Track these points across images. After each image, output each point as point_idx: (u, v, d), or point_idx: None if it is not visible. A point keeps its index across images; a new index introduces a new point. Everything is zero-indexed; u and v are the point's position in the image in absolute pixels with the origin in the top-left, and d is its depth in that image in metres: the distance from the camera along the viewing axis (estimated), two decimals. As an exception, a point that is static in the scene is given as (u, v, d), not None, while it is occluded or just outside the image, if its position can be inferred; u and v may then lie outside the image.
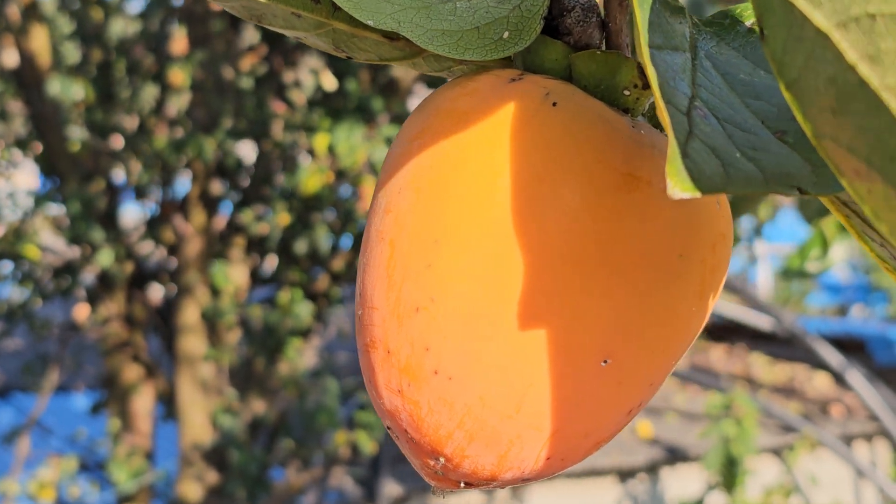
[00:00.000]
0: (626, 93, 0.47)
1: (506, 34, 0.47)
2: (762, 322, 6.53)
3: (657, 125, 0.50)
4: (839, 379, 5.72)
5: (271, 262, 4.34)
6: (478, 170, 0.46)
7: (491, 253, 0.45)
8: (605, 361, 0.46)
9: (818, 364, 7.60)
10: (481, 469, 0.47)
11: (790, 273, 1.58)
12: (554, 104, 0.47)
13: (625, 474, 6.58)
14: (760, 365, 8.17)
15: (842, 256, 1.57)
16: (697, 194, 0.35)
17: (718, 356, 8.73)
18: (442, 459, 0.47)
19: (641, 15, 0.38)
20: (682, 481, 6.75)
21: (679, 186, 0.35)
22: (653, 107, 0.50)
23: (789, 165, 0.38)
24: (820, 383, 7.74)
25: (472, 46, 0.46)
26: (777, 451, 6.73)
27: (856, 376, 5.60)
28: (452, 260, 0.45)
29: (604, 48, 0.51)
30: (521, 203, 0.45)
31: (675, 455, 6.75)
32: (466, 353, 0.45)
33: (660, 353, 0.48)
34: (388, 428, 0.49)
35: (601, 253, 0.45)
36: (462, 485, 0.49)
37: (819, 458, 6.77)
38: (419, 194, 0.46)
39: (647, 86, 0.48)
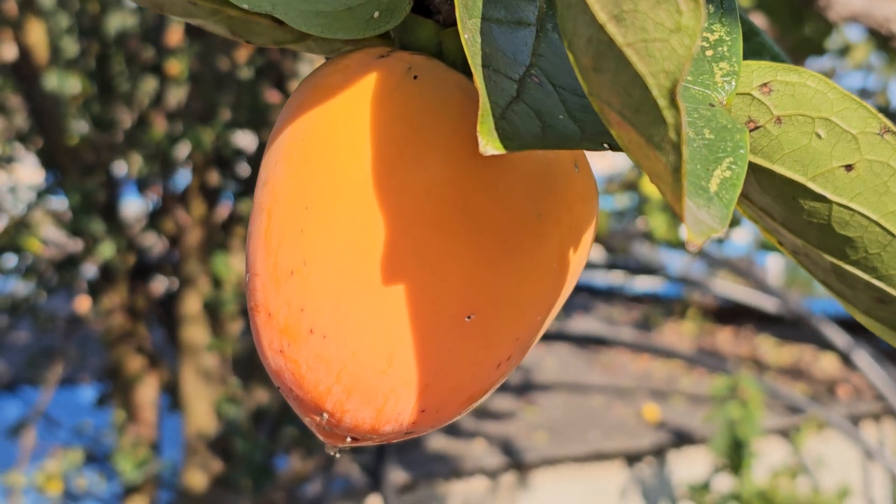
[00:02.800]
0: None
1: (376, 14, 0.49)
2: (769, 304, 6.53)
3: None
4: (846, 359, 5.73)
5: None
6: (343, 140, 0.48)
7: (357, 217, 0.47)
8: (469, 317, 0.48)
9: (825, 345, 7.60)
10: (362, 423, 0.49)
11: (768, 245, 1.59)
12: (415, 77, 0.49)
13: (631, 458, 6.59)
14: (767, 347, 8.17)
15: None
16: (503, 151, 0.38)
17: (725, 338, 8.73)
18: (325, 415, 0.49)
19: (461, 8, 0.40)
20: (689, 464, 6.76)
21: (490, 144, 0.38)
22: None
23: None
24: (827, 364, 7.73)
25: (345, 27, 0.48)
26: (784, 433, 6.74)
27: (863, 357, 5.60)
28: (322, 225, 0.48)
29: None
30: (382, 170, 0.47)
31: (682, 438, 6.76)
32: (338, 312, 0.47)
33: (524, 308, 0.50)
34: (278, 387, 0.51)
35: (460, 215, 0.48)
36: (348, 440, 0.51)
37: (826, 439, 6.77)
38: (291, 165, 0.49)
39: None
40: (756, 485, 6.44)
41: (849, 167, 0.43)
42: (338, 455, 0.52)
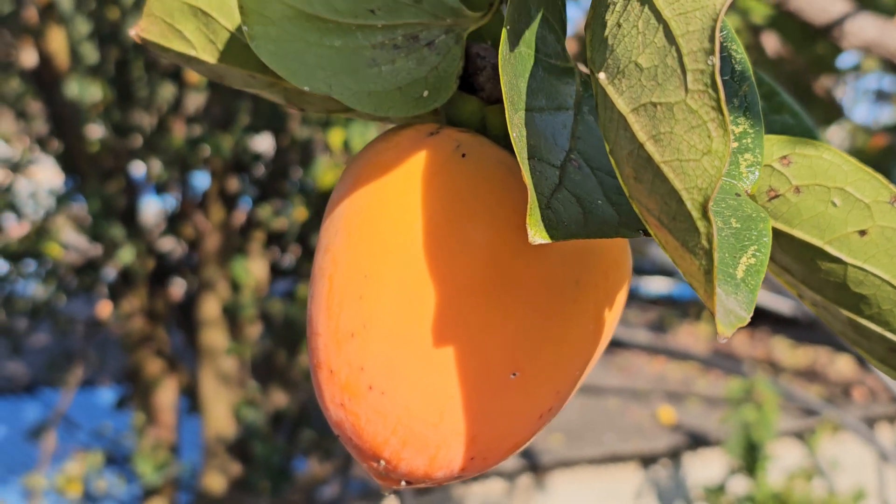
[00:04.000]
0: None
1: (425, 93, 0.53)
2: (784, 307, 6.54)
3: None
4: (861, 361, 5.72)
5: (291, 256, 4.39)
6: (397, 214, 0.52)
7: (410, 285, 0.52)
8: (514, 374, 0.53)
9: (840, 347, 7.60)
10: (416, 469, 0.54)
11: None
12: (463, 155, 0.53)
13: (647, 460, 6.61)
14: (782, 349, 8.17)
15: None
16: (550, 241, 0.43)
17: (740, 341, 8.73)
18: (382, 462, 0.54)
19: (509, 81, 0.43)
20: (705, 466, 6.77)
21: (538, 235, 0.43)
22: None
23: None
24: (842, 366, 7.73)
25: (395, 105, 0.52)
26: (799, 435, 6.74)
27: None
28: (379, 292, 0.52)
29: None
30: (432, 242, 0.52)
31: (697, 440, 6.77)
32: (394, 371, 0.52)
33: (563, 366, 0.55)
34: (338, 436, 0.56)
35: (504, 282, 0.52)
36: (403, 483, 0.55)
37: (841, 441, 6.77)
38: (350, 236, 0.54)
39: None
40: (771, 487, 6.45)
41: (862, 232, 0.47)
42: (389, 495, 0.57)
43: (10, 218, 4.29)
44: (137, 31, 0.55)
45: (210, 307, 4.21)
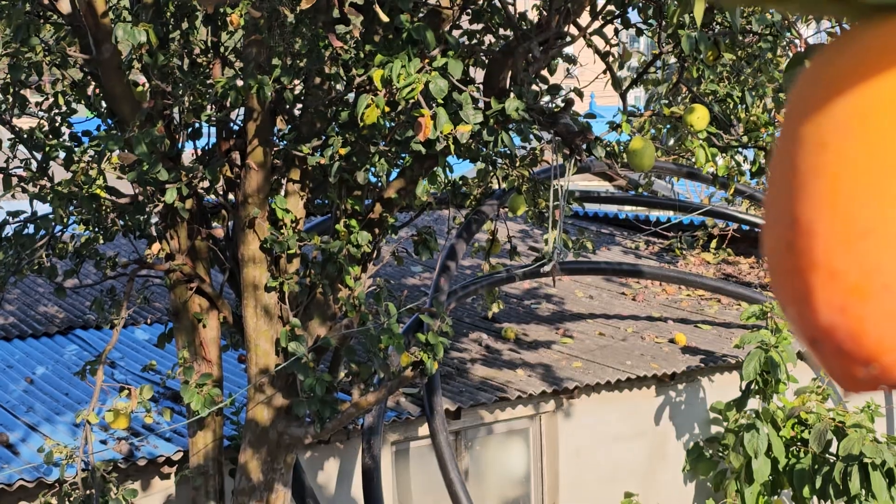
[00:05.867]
0: None
1: None
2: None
3: None
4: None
5: (326, 193, 4.48)
6: None
7: None
8: None
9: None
10: None
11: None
12: None
13: (664, 383, 6.77)
14: (791, 273, 8.26)
15: None
16: None
17: (748, 268, 8.87)
18: (876, 366, 0.50)
19: None
20: (720, 388, 6.94)
21: None
22: None
23: None
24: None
25: None
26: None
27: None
28: None
29: None
30: None
31: (713, 363, 6.92)
32: None
33: None
34: (814, 343, 0.52)
35: None
36: (882, 387, 0.52)
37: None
38: (866, 129, 0.51)
39: None
40: (786, 405, 6.62)
41: None
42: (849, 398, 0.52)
43: (55, 162, 4.38)
44: None
45: (251, 245, 4.31)
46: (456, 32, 4.35)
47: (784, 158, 0.56)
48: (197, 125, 4.52)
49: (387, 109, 3.71)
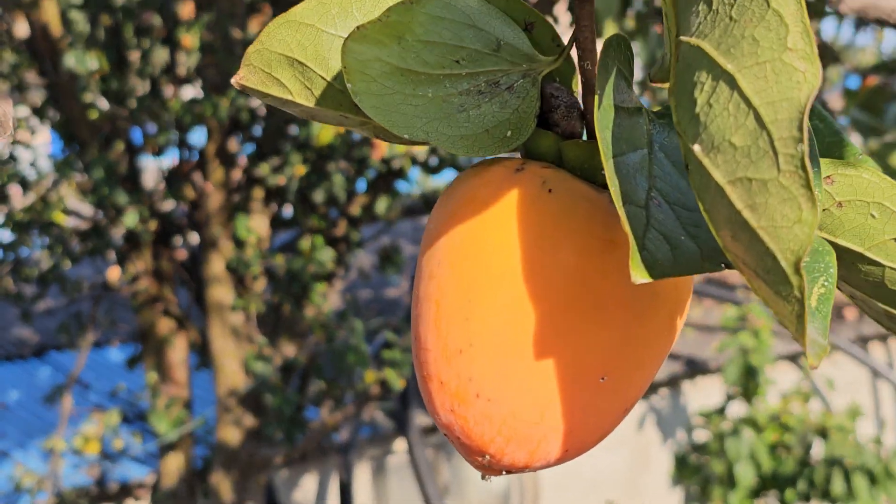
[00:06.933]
0: (603, 172, 0.58)
1: (509, 133, 0.61)
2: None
3: None
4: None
5: (290, 210, 4.46)
6: (496, 246, 0.62)
7: (512, 305, 0.61)
8: (603, 378, 0.62)
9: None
10: (517, 462, 0.63)
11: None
12: (549, 190, 0.62)
13: (647, 390, 6.74)
14: (774, 274, 8.25)
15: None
16: (651, 279, 0.52)
17: (732, 269, 8.82)
18: (487, 457, 0.63)
19: (602, 136, 0.51)
20: (703, 393, 6.91)
21: (640, 275, 0.52)
22: None
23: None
24: (833, 288, 7.82)
25: (485, 146, 0.60)
26: (793, 359, 6.87)
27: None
28: (484, 313, 0.61)
29: (584, 137, 0.67)
30: (530, 267, 0.61)
31: (695, 368, 6.90)
32: (500, 380, 0.61)
33: (645, 366, 0.65)
34: (445, 434, 0.64)
35: (594, 299, 0.61)
36: (504, 472, 0.65)
37: (835, 362, 6.89)
38: (454, 266, 0.63)
39: None
40: (769, 409, 6.59)
41: None
42: (490, 480, 0.66)
43: (13, 188, 4.36)
44: (238, 79, 0.63)
45: (215, 265, 4.29)
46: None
47: (415, 284, 0.67)
48: (159, 147, 4.50)
49: (342, 130, 3.69)
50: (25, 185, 4.20)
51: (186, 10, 3.96)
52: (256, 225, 4.32)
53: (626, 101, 0.58)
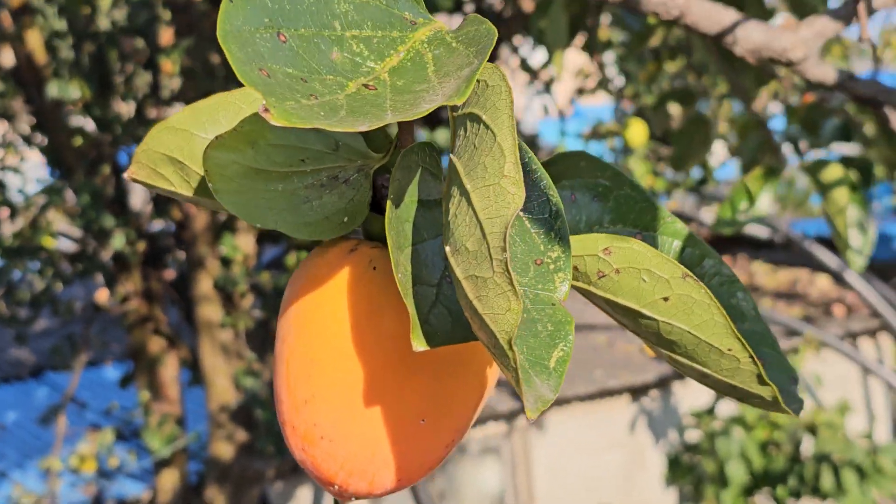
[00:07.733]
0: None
1: (345, 219, 0.73)
2: (761, 231, 6.69)
3: None
4: (838, 279, 5.86)
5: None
6: (331, 314, 0.74)
7: (343, 366, 0.73)
8: (423, 421, 0.74)
9: (818, 267, 7.76)
10: (360, 490, 0.75)
11: (723, 223, 1.79)
12: (374, 268, 0.74)
13: (637, 392, 6.80)
14: (763, 273, 8.34)
15: (768, 205, 1.78)
16: (429, 348, 0.63)
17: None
18: (336, 486, 0.75)
19: (392, 231, 0.64)
20: (694, 394, 6.97)
21: (419, 345, 0.63)
22: None
23: None
24: (822, 285, 7.90)
25: (324, 230, 0.71)
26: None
27: (854, 275, 5.73)
28: (322, 371, 0.73)
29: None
30: (358, 333, 0.73)
31: (685, 369, 6.94)
32: (338, 425, 0.73)
33: (458, 411, 0.77)
34: (303, 468, 0.77)
35: (409, 358, 0.73)
36: (353, 498, 0.76)
37: (825, 359, 6.93)
38: (299, 332, 0.75)
39: None
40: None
41: (665, 299, 0.67)
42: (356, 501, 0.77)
43: (2, 212, 4.43)
44: (129, 174, 0.75)
45: (203, 283, 4.37)
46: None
47: (275, 345, 0.79)
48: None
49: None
50: (14, 211, 4.28)
51: (166, 37, 4.04)
52: (242, 243, 4.40)
53: (432, 194, 0.67)
